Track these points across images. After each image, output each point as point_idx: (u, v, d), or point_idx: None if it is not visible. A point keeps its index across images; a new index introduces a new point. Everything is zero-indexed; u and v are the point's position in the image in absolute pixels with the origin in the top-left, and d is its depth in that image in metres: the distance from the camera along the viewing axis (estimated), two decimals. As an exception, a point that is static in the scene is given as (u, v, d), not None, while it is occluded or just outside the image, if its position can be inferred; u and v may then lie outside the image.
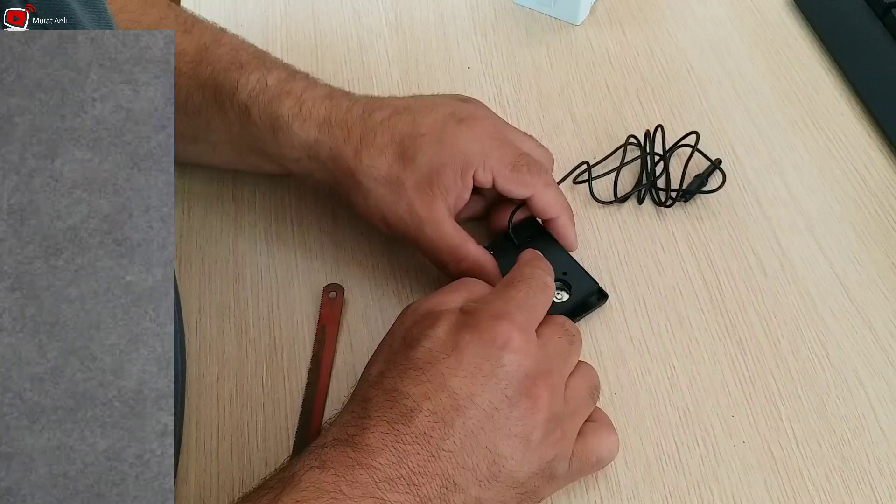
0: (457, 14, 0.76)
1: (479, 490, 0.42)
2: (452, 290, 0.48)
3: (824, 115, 0.69)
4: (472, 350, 0.43)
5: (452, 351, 0.43)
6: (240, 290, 0.57)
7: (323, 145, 0.54)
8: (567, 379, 0.46)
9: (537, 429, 0.43)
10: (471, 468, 0.42)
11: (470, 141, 0.54)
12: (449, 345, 0.43)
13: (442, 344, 0.44)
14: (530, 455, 0.43)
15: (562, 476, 0.45)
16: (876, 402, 0.53)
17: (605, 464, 0.48)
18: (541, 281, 0.48)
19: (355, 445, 0.41)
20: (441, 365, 0.43)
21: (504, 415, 0.42)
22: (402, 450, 0.41)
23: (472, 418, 0.42)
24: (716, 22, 0.76)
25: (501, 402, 0.42)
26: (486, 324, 0.44)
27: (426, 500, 0.41)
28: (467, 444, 0.42)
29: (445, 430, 0.41)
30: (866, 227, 0.61)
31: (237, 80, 0.56)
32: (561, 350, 0.46)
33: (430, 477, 0.41)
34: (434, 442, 0.41)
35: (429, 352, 0.43)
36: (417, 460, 0.41)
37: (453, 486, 0.41)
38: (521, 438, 0.43)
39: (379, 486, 0.40)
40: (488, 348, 0.43)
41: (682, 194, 0.62)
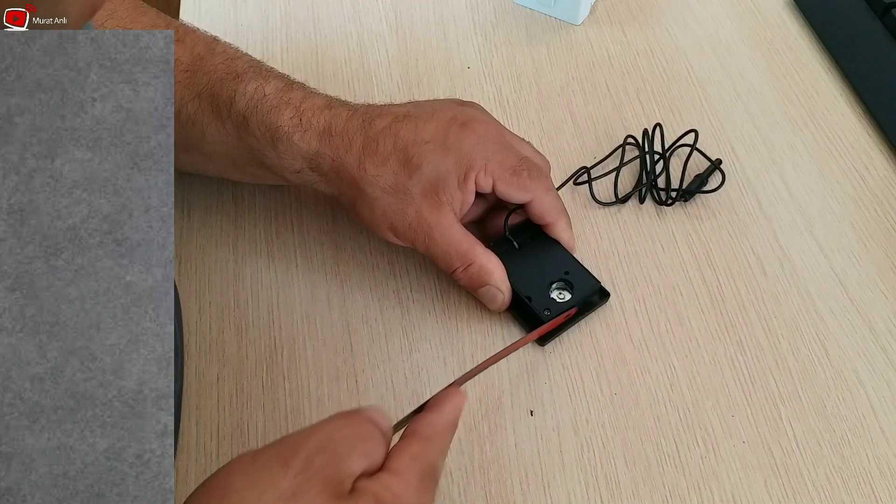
0: (457, 14, 0.76)
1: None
2: (348, 445, 0.39)
3: (824, 115, 0.69)
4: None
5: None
6: (240, 290, 0.57)
7: (325, 156, 0.54)
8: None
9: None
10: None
11: (473, 145, 0.54)
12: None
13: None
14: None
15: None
16: (876, 402, 0.53)
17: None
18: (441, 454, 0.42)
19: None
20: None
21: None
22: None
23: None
24: (716, 22, 0.76)
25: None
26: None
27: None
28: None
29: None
30: (866, 226, 0.61)
31: (234, 90, 0.55)
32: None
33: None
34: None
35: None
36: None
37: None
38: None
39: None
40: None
41: (681, 194, 0.62)
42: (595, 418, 0.52)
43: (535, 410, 0.52)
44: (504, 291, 0.55)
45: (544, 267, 0.56)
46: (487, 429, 0.51)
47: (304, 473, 0.37)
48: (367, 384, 0.53)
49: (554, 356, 0.54)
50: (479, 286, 0.55)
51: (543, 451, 0.50)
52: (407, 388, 0.53)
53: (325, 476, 0.37)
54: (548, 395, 0.53)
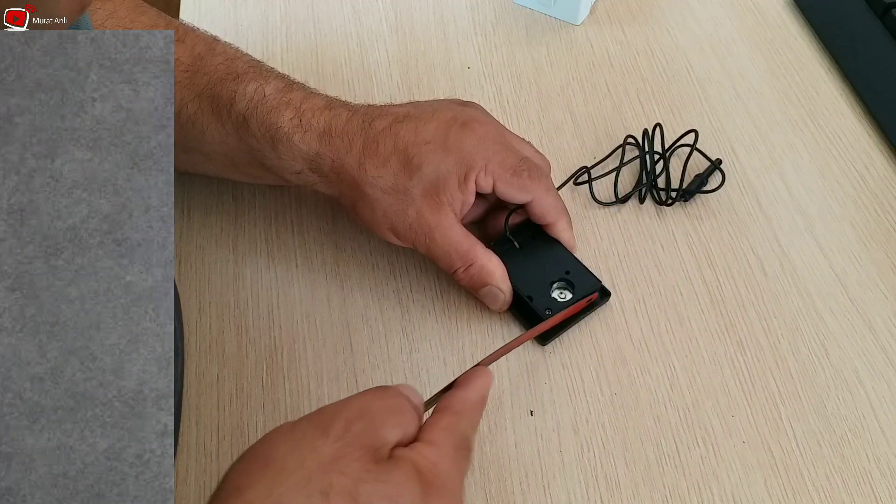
0: (457, 14, 0.76)
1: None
2: (384, 415, 0.40)
3: (824, 115, 0.69)
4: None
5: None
6: (240, 290, 0.57)
7: (325, 157, 0.54)
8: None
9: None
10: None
11: (473, 145, 0.54)
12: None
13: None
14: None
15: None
16: (876, 402, 0.53)
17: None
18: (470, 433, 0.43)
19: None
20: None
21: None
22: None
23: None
24: (716, 22, 0.76)
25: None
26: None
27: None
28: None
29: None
30: (866, 226, 0.61)
31: (234, 90, 0.55)
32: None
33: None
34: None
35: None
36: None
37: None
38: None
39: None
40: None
41: (681, 194, 0.62)
42: (595, 418, 0.52)
43: (535, 410, 0.52)
44: (505, 291, 0.55)
45: (545, 267, 0.56)
46: (487, 429, 0.51)
47: (344, 439, 0.38)
48: (368, 384, 0.53)
49: (554, 356, 0.54)
50: (480, 286, 0.55)
51: (543, 451, 0.50)
52: (407, 388, 0.53)
53: (364, 442, 0.38)
54: (548, 395, 0.53)
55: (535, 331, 0.53)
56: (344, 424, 0.38)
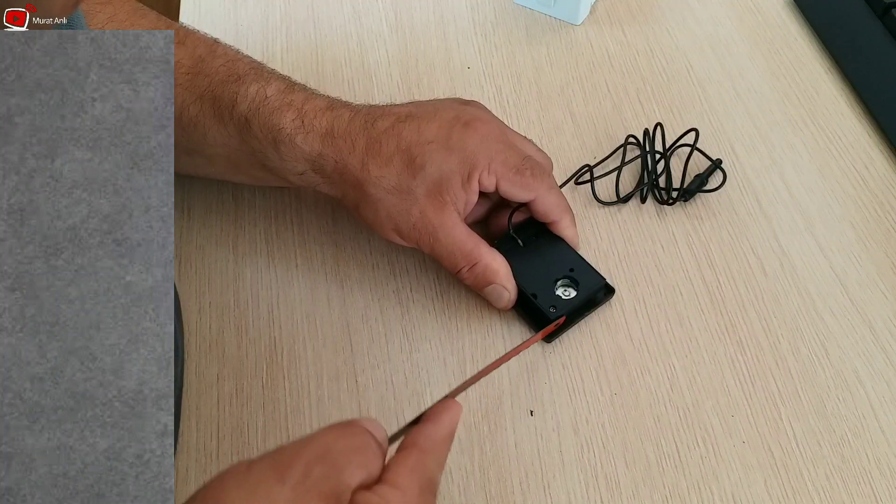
0: (457, 14, 0.76)
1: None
2: (347, 455, 0.38)
3: (824, 115, 0.69)
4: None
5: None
6: (240, 290, 0.57)
7: (327, 158, 0.54)
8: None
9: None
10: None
11: (476, 144, 0.54)
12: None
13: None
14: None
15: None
16: (876, 402, 0.53)
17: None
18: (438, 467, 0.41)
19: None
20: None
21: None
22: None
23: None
24: (716, 22, 0.76)
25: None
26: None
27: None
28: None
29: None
30: (866, 226, 0.61)
31: (236, 92, 0.55)
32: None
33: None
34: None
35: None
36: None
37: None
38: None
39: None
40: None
41: (682, 194, 0.62)
42: (595, 418, 0.52)
43: (535, 410, 0.52)
44: (510, 290, 0.55)
45: (549, 264, 0.56)
46: (487, 429, 0.51)
47: (302, 486, 0.36)
48: (367, 384, 0.53)
49: (554, 356, 0.54)
50: (484, 285, 0.55)
51: (543, 451, 0.50)
52: (407, 388, 0.53)
53: (323, 489, 0.36)
54: (548, 395, 0.53)
55: (513, 353, 0.52)
56: (303, 469, 0.36)
